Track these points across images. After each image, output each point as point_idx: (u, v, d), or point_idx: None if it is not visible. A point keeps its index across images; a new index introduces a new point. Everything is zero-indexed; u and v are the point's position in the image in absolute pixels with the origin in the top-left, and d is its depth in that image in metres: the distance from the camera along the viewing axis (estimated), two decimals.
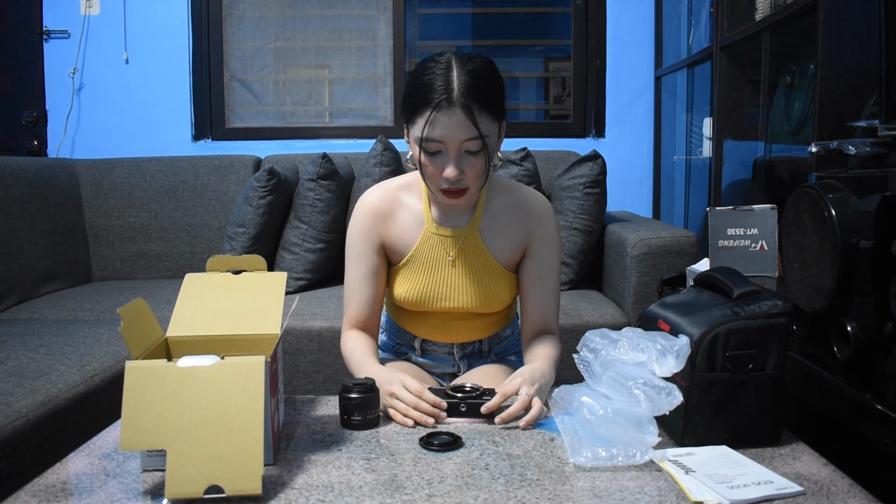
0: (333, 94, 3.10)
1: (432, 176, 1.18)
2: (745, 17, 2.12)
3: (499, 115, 1.17)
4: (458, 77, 1.12)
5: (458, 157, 1.14)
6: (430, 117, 1.11)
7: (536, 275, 1.29)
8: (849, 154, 1.15)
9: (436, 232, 1.28)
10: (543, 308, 1.30)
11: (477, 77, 1.13)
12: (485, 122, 1.13)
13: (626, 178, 2.92)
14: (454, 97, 1.10)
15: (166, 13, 2.95)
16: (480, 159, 1.15)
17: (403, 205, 1.30)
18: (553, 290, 1.31)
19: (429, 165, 1.17)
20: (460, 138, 1.12)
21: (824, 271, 1.15)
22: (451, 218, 1.29)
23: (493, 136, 1.17)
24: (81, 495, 0.84)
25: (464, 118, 1.11)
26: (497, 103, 1.16)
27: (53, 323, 1.87)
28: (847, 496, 0.81)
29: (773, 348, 0.93)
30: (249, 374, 0.83)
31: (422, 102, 1.13)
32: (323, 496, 0.82)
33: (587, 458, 0.89)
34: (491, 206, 1.29)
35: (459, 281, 1.29)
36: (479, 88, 1.12)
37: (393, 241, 1.29)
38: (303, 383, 1.96)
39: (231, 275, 1.08)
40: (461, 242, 1.28)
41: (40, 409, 1.28)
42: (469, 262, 1.29)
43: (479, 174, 1.17)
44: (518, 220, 1.29)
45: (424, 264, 1.29)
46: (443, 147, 1.14)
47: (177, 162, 2.66)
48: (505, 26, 3.21)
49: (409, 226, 1.29)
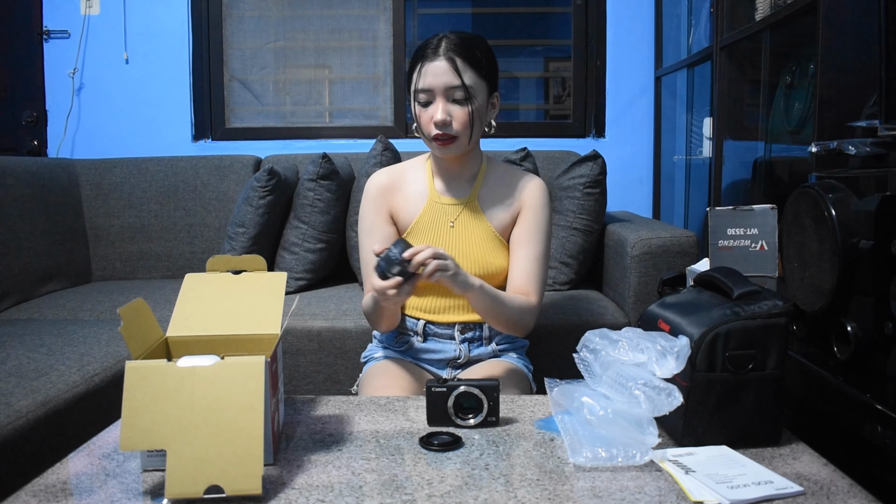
0: (333, 94, 3.10)
1: (425, 125, 1.34)
2: (745, 17, 2.12)
3: (485, 76, 1.34)
4: (446, 38, 1.33)
5: (445, 104, 1.31)
6: (420, 68, 1.32)
7: (522, 240, 1.41)
8: (849, 154, 1.15)
9: (438, 201, 1.43)
10: (523, 271, 1.39)
11: (463, 39, 1.33)
12: (469, 75, 1.31)
13: (626, 178, 2.92)
14: (440, 51, 1.31)
15: (166, 13, 2.95)
16: (465, 108, 1.32)
17: (409, 179, 1.46)
18: (536, 258, 1.40)
19: (422, 115, 1.34)
20: (444, 82, 1.30)
21: (824, 271, 1.15)
22: (452, 189, 1.44)
23: (480, 93, 1.33)
24: (81, 495, 0.84)
25: (447, 67, 1.30)
26: (481, 62, 1.33)
27: (53, 323, 1.87)
28: (847, 496, 0.81)
29: (773, 348, 0.93)
30: (249, 374, 0.83)
31: (415, 60, 1.34)
32: (323, 496, 0.82)
33: (587, 459, 0.89)
34: (489, 180, 1.45)
35: (459, 246, 1.40)
36: (462, 46, 1.32)
37: (399, 210, 1.44)
38: (303, 383, 1.96)
39: (231, 275, 1.08)
40: (462, 210, 1.42)
41: (40, 409, 1.28)
42: (468, 228, 1.41)
43: (465, 123, 1.33)
44: (512, 191, 1.43)
45: (427, 230, 1.41)
46: (432, 95, 1.32)
47: (177, 162, 2.66)
48: (505, 26, 3.21)
49: (413, 197, 1.44)
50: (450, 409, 1.04)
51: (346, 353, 1.94)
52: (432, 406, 1.05)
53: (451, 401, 1.04)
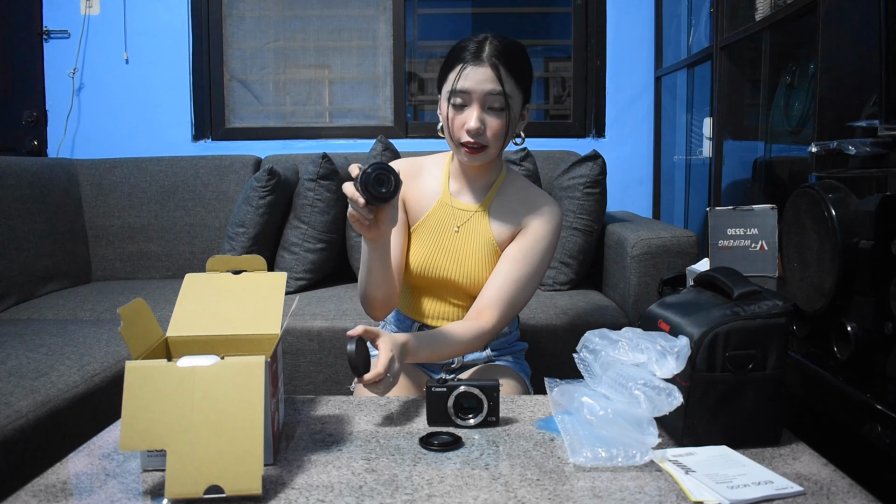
0: (333, 94, 3.10)
1: (456, 130, 1.27)
2: (745, 17, 2.12)
3: (523, 88, 1.29)
4: (490, 43, 1.25)
5: (480, 112, 1.25)
6: (460, 70, 1.24)
7: (510, 257, 1.33)
8: (849, 154, 1.15)
9: (449, 203, 1.38)
10: (494, 291, 1.30)
11: (508, 46, 1.26)
12: (510, 84, 1.25)
13: (626, 178, 2.92)
14: (484, 56, 1.24)
15: (166, 13, 2.95)
16: (502, 119, 1.26)
17: (427, 172, 1.42)
18: (517, 279, 1.31)
19: (454, 118, 1.27)
20: (485, 89, 1.23)
21: (824, 271, 1.15)
22: (465, 194, 1.39)
23: (517, 103, 1.28)
24: (81, 495, 0.84)
25: (491, 73, 1.23)
26: (523, 74, 1.28)
27: (53, 323, 1.87)
28: (847, 496, 0.81)
29: (773, 348, 0.93)
30: (249, 374, 0.83)
31: (454, 60, 1.26)
32: (323, 496, 0.82)
33: (587, 459, 0.89)
34: (504, 192, 1.39)
35: (459, 253, 1.36)
36: (508, 54, 1.25)
37: (411, 201, 1.40)
38: (303, 383, 1.96)
39: (231, 275, 1.08)
40: (469, 217, 1.37)
41: (40, 409, 1.28)
42: (471, 236, 1.36)
43: (499, 134, 1.27)
44: (524, 208, 1.37)
45: (433, 231, 1.37)
46: (469, 100, 1.25)
47: (177, 162, 2.66)
48: (505, 26, 3.21)
49: (427, 192, 1.40)
50: (450, 409, 1.04)
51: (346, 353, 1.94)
52: (432, 406, 1.05)
53: (451, 401, 1.04)
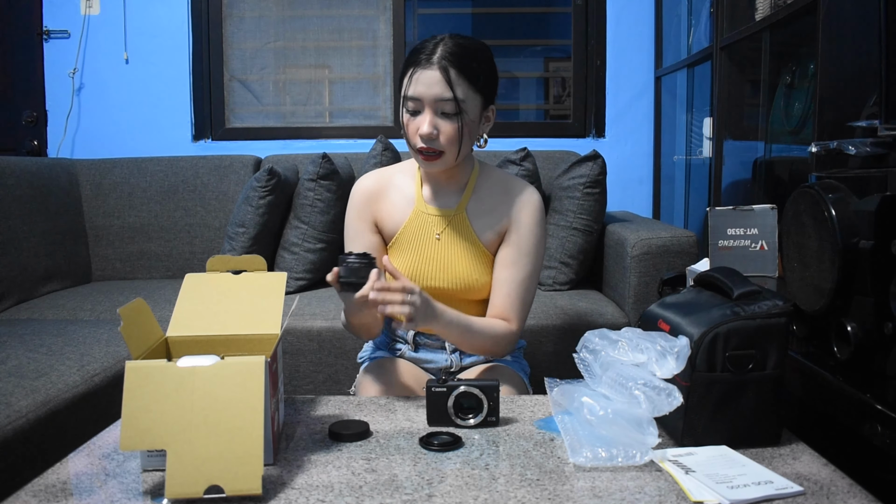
0: (333, 94, 3.10)
1: (411, 135, 1.25)
2: (745, 17, 2.12)
3: (480, 89, 1.24)
4: (444, 45, 1.22)
5: (433, 117, 1.22)
6: (411, 74, 1.22)
7: (507, 262, 1.32)
8: (849, 154, 1.15)
9: (425, 210, 1.34)
10: (506, 297, 1.31)
11: (461, 47, 1.22)
12: (462, 88, 1.21)
13: (626, 178, 2.92)
14: (434, 59, 1.20)
15: (166, 13, 2.95)
16: (454, 123, 1.22)
17: (396, 186, 1.38)
18: (521, 281, 1.31)
19: (409, 124, 1.25)
20: (434, 95, 1.20)
21: (824, 271, 1.15)
22: (440, 198, 1.35)
23: (473, 107, 1.24)
24: (81, 495, 0.84)
25: (439, 77, 1.20)
26: (477, 74, 1.23)
27: (53, 323, 1.87)
28: (847, 496, 0.81)
29: (773, 348, 0.93)
30: (249, 374, 0.83)
31: (408, 63, 1.24)
32: (323, 496, 0.82)
33: (587, 459, 0.89)
34: (480, 190, 1.35)
35: (445, 259, 1.33)
36: (459, 55, 1.21)
37: (384, 219, 1.36)
38: (303, 383, 1.96)
39: (231, 275, 1.08)
40: (448, 221, 1.34)
41: (40, 409, 1.28)
42: (454, 241, 1.33)
43: (453, 139, 1.23)
44: (504, 204, 1.33)
45: (412, 241, 1.34)
46: (420, 105, 1.22)
47: (177, 162, 2.66)
48: (505, 26, 3.21)
49: (400, 205, 1.36)
50: (450, 409, 1.04)
51: (346, 353, 1.94)
52: (432, 406, 1.05)
53: (451, 401, 1.04)
